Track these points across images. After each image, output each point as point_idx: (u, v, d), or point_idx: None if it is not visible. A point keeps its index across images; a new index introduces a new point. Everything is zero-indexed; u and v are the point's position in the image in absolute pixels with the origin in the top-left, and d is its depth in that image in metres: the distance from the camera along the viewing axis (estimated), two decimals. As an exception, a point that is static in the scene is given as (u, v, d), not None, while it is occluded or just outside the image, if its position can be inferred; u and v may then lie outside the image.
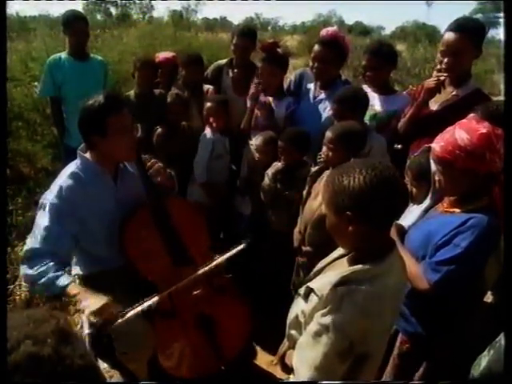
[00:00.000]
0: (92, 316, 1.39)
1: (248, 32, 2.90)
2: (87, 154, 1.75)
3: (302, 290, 1.22)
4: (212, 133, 2.63)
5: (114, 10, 25.54)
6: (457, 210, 1.46)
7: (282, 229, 2.33)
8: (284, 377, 1.36)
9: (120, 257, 1.77)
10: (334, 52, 2.43)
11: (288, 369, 1.27)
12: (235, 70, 2.97)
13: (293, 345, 1.26)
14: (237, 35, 2.86)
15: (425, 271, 1.43)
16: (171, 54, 3.17)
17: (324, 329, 1.06)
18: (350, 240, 1.12)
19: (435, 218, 1.55)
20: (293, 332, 1.26)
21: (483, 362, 1.23)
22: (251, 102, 2.63)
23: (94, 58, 3.31)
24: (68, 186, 1.67)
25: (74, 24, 3.05)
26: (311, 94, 2.59)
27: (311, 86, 2.62)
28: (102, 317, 1.40)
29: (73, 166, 1.74)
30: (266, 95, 2.63)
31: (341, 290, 1.06)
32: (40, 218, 1.64)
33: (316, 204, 2.01)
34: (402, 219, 1.77)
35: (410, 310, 1.56)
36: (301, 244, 2.14)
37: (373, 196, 1.02)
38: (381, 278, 1.06)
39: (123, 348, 1.74)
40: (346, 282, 1.07)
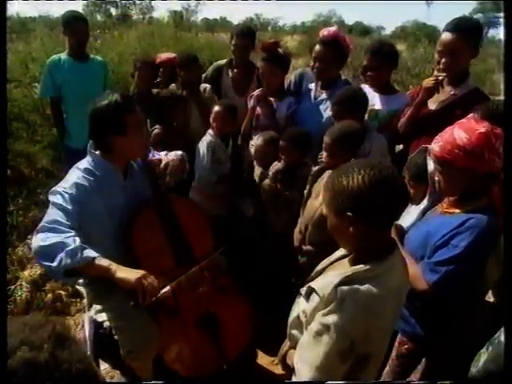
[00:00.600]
0: (139, 282, 1.47)
1: (247, 32, 2.91)
2: (97, 152, 1.76)
3: (303, 290, 1.22)
4: (214, 136, 2.56)
5: (114, 11, 25.61)
6: (456, 210, 1.45)
7: (283, 229, 2.33)
8: (285, 377, 1.36)
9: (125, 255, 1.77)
10: (335, 52, 2.43)
11: (289, 369, 1.27)
12: (235, 70, 2.99)
13: (294, 345, 1.26)
14: (236, 35, 2.87)
15: (423, 272, 1.43)
16: (172, 54, 3.18)
17: (325, 328, 1.06)
18: (351, 241, 1.13)
19: (434, 218, 1.55)
20: (294, 332, 1.26)
21: (482, 359, 1.22)
22: (253, 103, 2.62)
23: (94, 59, 3.31)
24: (83, 177, 1.68)
25: (73, 25, 3.05)
26: (312, 94, 2.59)
27: (312, 86, 2.62)
28: (148, 286, 1.49)
29: (85, 163, 1.75)
30: (267, 95, 2.63)
31: (342, 290, 1.06)
32: (55, 201, 1.60)
33: (317, 204, 2.01)
34: (401, 220, 1.78)
35: (409, 311, 1.56)
36: (301, 244, 2.14)
37: (372, 195, 1.02)
38: (382, 278, 1.06)
39: (129, 346, 1.73)
40: (347, 282, 1.07)
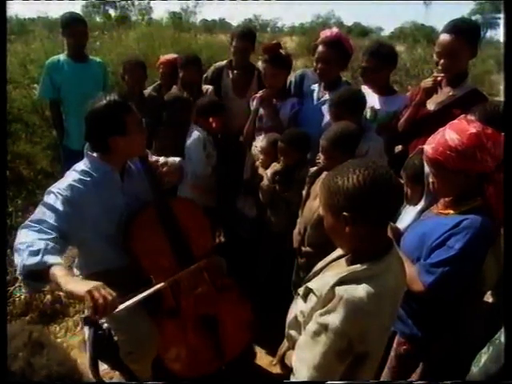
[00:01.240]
0: (89, 295, 1.25)
1: (248, 34, 2.92)
2: (95, 154, 1.76)
3: (301, 291, 1.23)
4: (202, 131, 2.57)
5: (112, 12, 25.58)
6: (451, 211, 1.45)
7: (282, 229, 2.33)
8: (284, 377, 1.36)
9: (124, 256, 1.77)
10: (337, 53, 2.44)
11: (288, 369, 1.27)
12: (235, 72, 2.99)
13: (292, 345, 1.26)
14: (236, 37, 2.87)
15: (419, 273, 1.43)
16: (173, 56, 3.18)
17: (323, 328, 1.06)
18: (348, 241, 1.13)
19: (430, 219, 1.55)
20: (292, 332, 1.27)
21: (483, 359, 1.23)
22: (257, 104, 2.61)
23: (93, 60, 3.32)
24: (79, 179, 1.67)
25: (72, 26, 3.05)
26: (315, 95, 2.59)
27: (315, 86, 2.61)
28: (99, 299, 1.26)
29: (82, 165, 1.74)
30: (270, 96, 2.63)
31: (339, 289, 1.06)
32: (46, 200, 1.58)
33: (315, 205, 2.02)
34: (399, 221, 1.78)
35: (407, 312, 1.57)
36: (300, 245, 2.14)
37: (367, 195, 1.03)
38: (379, 278, 1.07)
39: (129, 348, 1.73)
40: (344, 282, 1.07)
